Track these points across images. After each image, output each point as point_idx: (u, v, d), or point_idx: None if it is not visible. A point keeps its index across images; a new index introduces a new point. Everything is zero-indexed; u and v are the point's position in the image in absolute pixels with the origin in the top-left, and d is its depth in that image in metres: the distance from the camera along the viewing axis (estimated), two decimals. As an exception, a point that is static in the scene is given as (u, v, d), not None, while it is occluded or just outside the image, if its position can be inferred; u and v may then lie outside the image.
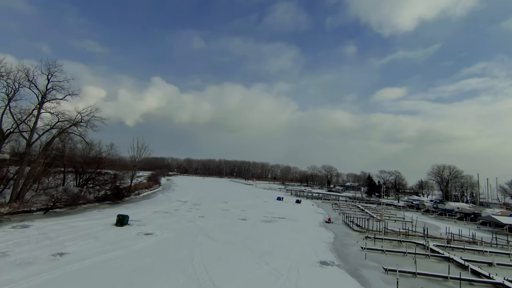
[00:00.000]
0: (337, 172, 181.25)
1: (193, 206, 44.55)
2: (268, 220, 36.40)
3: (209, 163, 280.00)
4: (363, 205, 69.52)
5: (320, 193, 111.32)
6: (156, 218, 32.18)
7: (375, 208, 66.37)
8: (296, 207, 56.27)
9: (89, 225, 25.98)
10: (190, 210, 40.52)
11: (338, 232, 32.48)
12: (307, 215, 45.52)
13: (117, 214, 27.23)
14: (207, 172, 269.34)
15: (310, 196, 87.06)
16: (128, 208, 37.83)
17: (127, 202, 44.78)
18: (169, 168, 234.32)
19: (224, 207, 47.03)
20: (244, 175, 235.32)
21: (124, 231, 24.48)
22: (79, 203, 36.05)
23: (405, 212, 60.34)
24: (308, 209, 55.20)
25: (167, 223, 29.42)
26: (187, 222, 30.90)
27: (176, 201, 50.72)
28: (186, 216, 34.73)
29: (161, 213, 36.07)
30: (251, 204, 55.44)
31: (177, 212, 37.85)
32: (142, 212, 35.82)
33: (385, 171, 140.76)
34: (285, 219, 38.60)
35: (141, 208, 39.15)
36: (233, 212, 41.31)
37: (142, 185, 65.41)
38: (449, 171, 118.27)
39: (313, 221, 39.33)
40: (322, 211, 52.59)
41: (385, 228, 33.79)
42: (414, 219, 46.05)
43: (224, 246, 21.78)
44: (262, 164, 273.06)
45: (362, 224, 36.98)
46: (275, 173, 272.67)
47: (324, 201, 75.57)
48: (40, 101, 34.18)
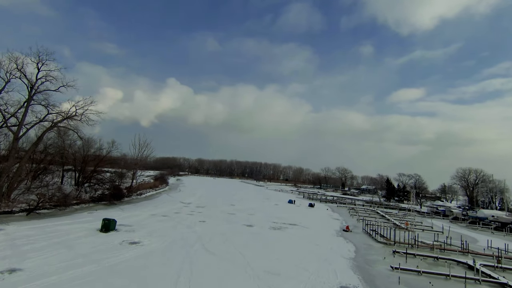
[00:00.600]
0: (351, 174, 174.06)
1: (196, 209, 40.83)
2: (277, 227, 32.06)
3: (220, 163, 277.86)
4: (383, 211, 63.77)
5: (335, 196, 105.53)
6: (150, 222, 28.57)
7: (396, 214, 60.50)
8: (309, 212, 51.54)
9: (70, 230, 22.59)
10: (191, 213, 36.78)
11: (359, 243, 27.71)
12: (322, 222, 40.80)
13: (103, 218, 23.74)
14: (218, 172, 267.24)
15: (324, 200, 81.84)
16: (123, 210, 34.54)
17: (125, 203, 41.65)
18: (180, 168, 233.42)
19: (230, 210, 43.05)
20: (255, 176, 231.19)
21: (107, 239, 20.88)
22: (71, 203, 33.05)
23: (431, 220, 54.29)
24: (323, 214, 50.34)
25: (161, 229, 25.70)
26: (184, 228, 27.07)
27: (179, 202, 47.22)
28: (185, 221, 30.96)
29: (158, 216, 32.49)
30: (260, 207, 51.21)
31: (177, 215, 34.17)
32: (137, 215, 32.37)
33: (404, 174, 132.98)
34: (297, 226, 34.14)
35: (138, 210, 35.78)
36: (239, 217, 37.24)
37: (147, 185, 62.55)
38: (475, 175, 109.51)
39: (328, 229, 34.65)
40: (338, 217, 47.62)
41: (415, 240, 28.71)
42: (445, 229, 40.43)
43: (220, 263, 17.69)
44: (274, 165, 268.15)
45: (386, 234, 31.98)
46: (287, 174, 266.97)
47: (340, 205, 70.22)
48: (29, 92, 31.43)
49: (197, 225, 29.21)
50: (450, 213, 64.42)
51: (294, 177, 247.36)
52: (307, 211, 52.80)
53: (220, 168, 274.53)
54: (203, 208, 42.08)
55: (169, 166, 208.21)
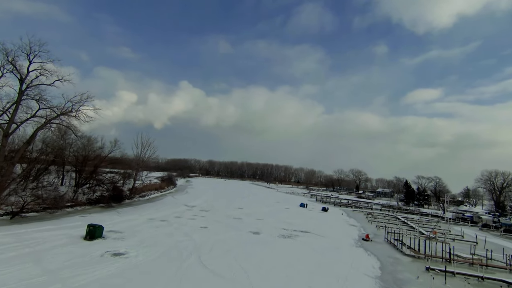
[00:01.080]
0: (366, 177, 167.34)
1: (200, 213, 37.76)
2: (288, 235, 28.43)
3: (231, 165, 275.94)
4: (403, 216, 58.76)
5: (349, 199, 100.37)
6: (145, 228, 25.63)
7: (418, 220, 55.40)
8: (323, 217, 47.49)
9: (50, 237, 19.87)
10: (194, 217, 33.71)
11: (384, 257, 23.71)
12: (337, 228, 36.80)
13: (88, 224, 20.93)
14: (229, 174, 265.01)
15: (338, 203, 77.25)
16: (119, 214, 31.87)
17: (125, 205, 39.13)
18: (190, 170, 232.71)
19: (237, 214, 39.73)
20: (266, 178, 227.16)
21: (88, 249, 17.97)
22: (64, 206, 30.66)
23: (461, 228, 49.02)
24: (338, 219, 46.19)
25: (155, 237, 22.67)
26: (181, 236, 23.94)
27: (183, 205, 44.34)
28: (185, 226, 27.86)
29: (156, 221, 29.56)
30: (269, 211, 47.62)
31: (177, 220, 31.16)
32: (133, 219, 29.57)
33: (423, 176, 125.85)
34: (310, 234, 30.38)
35: (136, 213, 33.03)
36: (246, 222, 33.84)
37: (152, 186, 60.30)
38: (502, 178, 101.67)
39: (346, 238, 30.69)
40: (355, 223, 43.39)
41: (450, 253, 24.41)
42: (479, 239, 35.59)
43: (216, 283, 14.36)
44: (285, 167, 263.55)
45: (413, 244, 27.73)
46: (299, 176, 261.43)
47: (355, 210, 65.57)
48: (20, 86, 29.32)
49: (197, 232, 26.03)
50: (479, 220, 58.66)
51: (306, 179, 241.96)
52: (320, 216, 48.76)
53: (231, 170, 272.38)
54: (207, 212, 38.96)
55: (180, 167, 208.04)
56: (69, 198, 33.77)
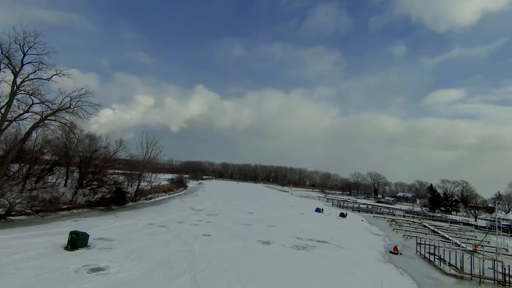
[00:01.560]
0: (385, 180, 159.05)
1: (206, 217, 34.69)
2: (302, 246, 24.71)
3: (244, 168, 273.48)
4: (431, 224, 53.22)
5: (368, 204, 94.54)
6: (140, 235, 22.75)
7: (449, 228, 49.77)
8: (341, 224, 43.17)
9: (27, 246, 17.29)
10: (198, 223, 30.64)
11: (420, 276, 19.52)
12: (359, 238, 32.57)
13: (70, 232, 18.22)
14: (242, 177, 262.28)
15: (356, 208, 72.14)
16: (117, 218, 29.31)
17: (128, 208, 36.76)
18: (204, 172, 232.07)
19: (246, 219, 36.36)
20: (280, 181, 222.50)
21: (62, 263, 15.16)
22: (58, 208, 28.50)
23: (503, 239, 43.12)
24: (358, 227, 41.77)
25: (148, 246, 19.69)
26: (179, 245, 20.85)
27: (189, 209, 41.51)
28: (186, 234, 24.80)
29: (155, 226, 26.72)
30: (282, 216, 43.89)
31: (179, 226, 28.19)
32: (130, 224, 26.86)
33: (448, 180, 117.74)
34: (327, 244, 26.49)
35: (135, 217, 30.38)
36: (255, 229, 30.38)
37: (160, 188, 58.09)
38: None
39: (370, 250, 26.55)
40: (378, 231, 38.87)
41: (504, 274, 19.85)
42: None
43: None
44: (300, 170, 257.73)
45: (453, 260, 23.23)
46: (314, 179, 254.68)
47: (376, 216, 60.44)
48: (14, 79, 27.51)
49: (198, 240, 22.87)
50: (520, 229, 52.06)
51: (321, 182, 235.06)
52: (338, 222, 44.45)
53: (245, 172, 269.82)
54: (214, 217, 35.84)
55: (193, 169, 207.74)
56: (66, 200, 31.66)
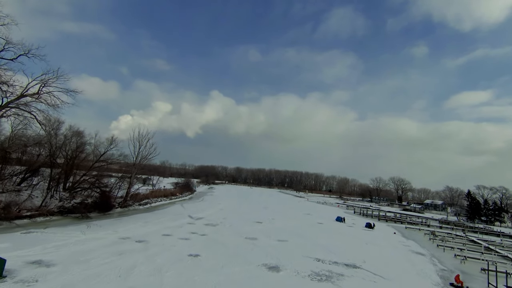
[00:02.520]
0: (410, 186, 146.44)
1: (202, 229, 28.17)
2: (325, 274, 17.48)
3: (258, 172, 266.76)
4: (479, 238, 43.91)
5: (394, 212, 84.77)
6: (98, 256, 16.45)
7: (502, 244, 40.36)
8: (371, 237, 35.25)
9: None
10: (189, 237, 24.15)
11: None
12: (399, 259, 24.76)
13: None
14: (256, 181, 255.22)
15: (383, 217, 63.21)
16: (88, 228, 23.37)
17: (110, 215, 30.97)
18: (217, 177, 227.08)
19: (252, 232, 29.49)
20: (295, 186, 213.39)
21: None
22: (20, 215, 22.98)
23: None
24: (392, 242, 33.71)
25: (96, 277, 13.30)
26: (143, 275, 14.32)
27: (187, 217, 35.22)
28: (166, 254, 18.30)
29: (130, 242, 20.46)
30: (297, 227, 36.63)
31: (162, 240, 21.81)
32: (99, 238, 20.76)
33: (484, 186, 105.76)
34: (360, 271, 19.07)
35: (110, 229, 24.29)
36: (261, 246, 23.46)
37: (161, 193, 52.46)
38: None
39: (420, 281, 18.87)
40: (419, 248, 30.76)
41: None
42: None
43: None
44: (316, 175, 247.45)
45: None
46: (331, 185, 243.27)
47: (409, 227, 51.50)
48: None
49: (178, 265, 16.28)
50: None
51: (339, 188, 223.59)
52: (366, 235, 36.53)
53: (259, 177, 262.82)
54: (212, 228, 29.25)
55: (206, 174, 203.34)
56: (33, 206, 26.17)
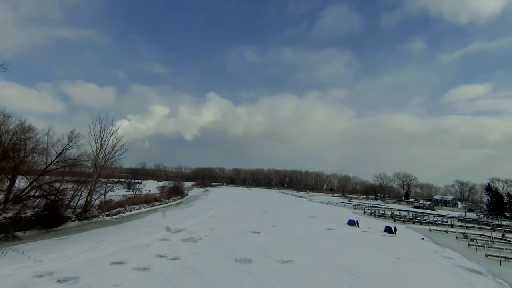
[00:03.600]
0: (416, 181, 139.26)
1: (176, 248, 20.56)
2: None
3: (257, 173, 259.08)
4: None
5: (406, 210, 77.58)
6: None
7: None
8: (399, 248, 27.70)
9: None
10: (152, 264, 16.55)
11: None
12: (455, 285, 17.27)
13: None
14: (255, 182, 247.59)
15: (398, 217, 55.83)
16: (3, 257, 15.70)
17: (54, 234, 23.21)
18: (214, 179, 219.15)
19: (246, 248, 21.92)
20: (295, 186, 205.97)
21: None
22: None
23: None
24: (429, 254, 26.17)
25: None
26: None
27: (164, 229, 27.60)
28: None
29: (46, 282, 12.83)
30: (303, 236, 29.12)
31: (104, 275, 14.19)
32: (2, 275, 13.11)
33: (499, 179, 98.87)
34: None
35: (35, 256, 16.50)
36: (258, 273, 15.94)
37: (140, 199, 44.71)
38: None
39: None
40: (466, 262, 23.36)
41: None
42: None
43: None
44: (316, 173, 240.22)
45: None
46: (332, 183, 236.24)
47: (434, 229, 44.05)
48: None
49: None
50: None
51: (340, 186, 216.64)
52: (392, 245, 28.99)
53: (257, 178, 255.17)
54: (192, 245, 21.68)
55: (203, 176, 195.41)
56: None
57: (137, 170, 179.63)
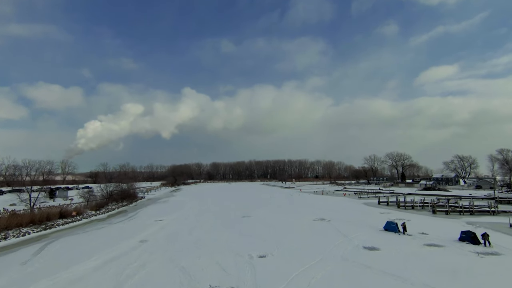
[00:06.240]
0: (410, 161, 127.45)
1: None
2: None
3: (237, 166, 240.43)
4: None
5: (416, 194, 63.11)
6: None
7: None
8: None
9: None
10: None
11: None
12: None
13: None
14: (236, 176, 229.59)
15: (429, 205, 40.40)
16: None
17: None
18: (190, 176, 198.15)
19: None
20: (279, 177, 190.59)
21: None
22: None
23: None
24: None
25: None
26: None
27: None
28: None
29: None
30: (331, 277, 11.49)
31: None
32: None
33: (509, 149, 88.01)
34: None
35: None
36: None
37: (26, 218, 24.99)
38: None
39: None
40: None
41: None
42: None
43: None
44: (300, 161, 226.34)
45: None
46: (316, 171, 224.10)
47: (497, 222, 28.49)
48: None
49: None
50: None
51: (325, 173, 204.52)
52: None
53: (238, 171, 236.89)
54: None
55: (179, 174, 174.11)
56: None
57: (96, 173, 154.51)
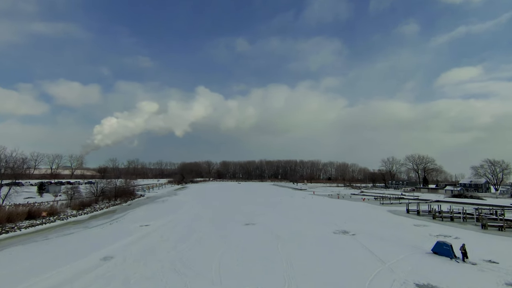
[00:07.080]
0: (434, 165, 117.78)
1: None
2: None
3: (248, 165, 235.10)
4: None
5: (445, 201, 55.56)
6: None
7: None
8: None
9: None
10: None
11: None
12: None
13: None
14: (246, 176, 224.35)
15: (461, 215, 33.57)
16: None
17: None
18: (199, 174, 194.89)
19: None
20: (290, 177, 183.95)
21: None
22: None
23: None
24: None
25: None
26: None
27: None
28: None
29: None
30: None
31: None
32: None
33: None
34: None
35: None
36: None
37: None
38: None
39: None
40: None
41: None
42: None
43: None
44: (312, 162, 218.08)
45: None
46: (329, 172, 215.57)
47: None
48: None
49: None
50: None
51: (338, 174, 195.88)
52: None
53: (248, 170, 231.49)
54: None
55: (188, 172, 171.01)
56: None
57: (105, 168, 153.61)
